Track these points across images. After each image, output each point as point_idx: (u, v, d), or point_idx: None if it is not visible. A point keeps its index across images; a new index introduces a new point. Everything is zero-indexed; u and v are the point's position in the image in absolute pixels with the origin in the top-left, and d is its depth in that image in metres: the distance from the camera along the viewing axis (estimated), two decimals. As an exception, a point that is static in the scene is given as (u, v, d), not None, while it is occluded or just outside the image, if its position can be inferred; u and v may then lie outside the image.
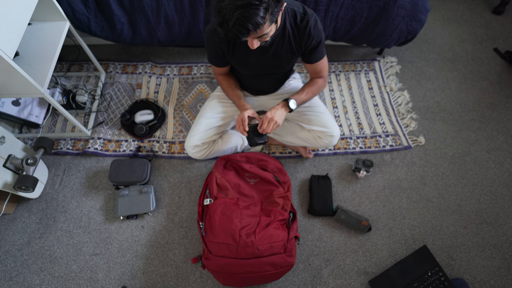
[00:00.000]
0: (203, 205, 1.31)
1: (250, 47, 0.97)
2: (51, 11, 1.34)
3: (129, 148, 1.59)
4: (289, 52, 1.16)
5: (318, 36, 1.13)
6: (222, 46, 1.14)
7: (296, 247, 1.27)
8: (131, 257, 1.33)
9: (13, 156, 1.26)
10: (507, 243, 1.37)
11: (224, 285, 1.23)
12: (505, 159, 1.59)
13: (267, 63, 1.20)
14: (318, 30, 1.12)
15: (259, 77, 1.31)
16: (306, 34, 1.10)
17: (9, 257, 1.32)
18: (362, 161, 1.51)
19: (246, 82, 1.38)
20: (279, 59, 1.18)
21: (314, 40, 1.13)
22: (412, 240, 1.38)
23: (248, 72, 1.28)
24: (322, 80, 1.29)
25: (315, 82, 1.29)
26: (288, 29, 1.10)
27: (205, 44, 1.21)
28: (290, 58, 1.19)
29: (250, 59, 1.17)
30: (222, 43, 1.13)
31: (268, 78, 1.34)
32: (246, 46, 1.10)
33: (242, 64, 1.22)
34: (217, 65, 1.28)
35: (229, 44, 1.14)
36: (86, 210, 1.43)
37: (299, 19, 1.09)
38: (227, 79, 1.35)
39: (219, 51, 1.17)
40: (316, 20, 1.11)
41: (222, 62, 1.25)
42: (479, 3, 2.23)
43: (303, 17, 1.09)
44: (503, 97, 1.79)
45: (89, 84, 1.78)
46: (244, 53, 1.15)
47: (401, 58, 1.94)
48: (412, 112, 1.73)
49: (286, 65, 1.25)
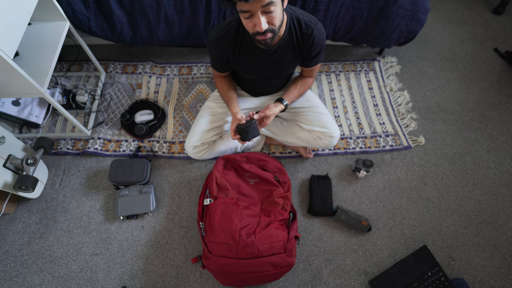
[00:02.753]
0: (203, 205, 1.31)
1: (259, 28, 0.93)
2: (51, 11, 1.34)
3: (129, 148, 1.59)
4: (293, 58, 1.17)
5: (321, 45, 1.16)
6: (227, 54, 1.15)
7: (296, 247, 1.27)
8: (131, 257, 1.33)
9: (13, 156, 1.26)
10: (507, 243, 1.37)
11: (224, 285, 1.23)
12: (505, 159, 1.59)
13: (271, 68, 1.20)
14: (322, 38, 1.14)
15: (262, 80, 1.32)
16: (310, 42, 1.12)
17: (9, 257, 1.32)
18: (362, 161, 1.51)
19: (248, 84, 1.38)
20: (282, 64, 1.19)
21: (317, 49, 1.16)
22: (412, 240, 1.38)
23: (252, 76, 1.28)
24: (312, 80, 1.36)
25: (306, 82, 1.34)
26: (294, 35, 1.11)
27: (209, 50, 1.21)
28: (293, 63, 1.21)
29: (255, 64, 1.18)
30: (227, 51, 1.14)
31: (271, 81, 1.34)
32: (251, 52, 1.11)
33: (246, 69, 1.22)
34: (219, 71, 1.29)
35: (234, 51, 1.14)
36: (86, 210, 1.43)
37: (304, 27, 1.10)
38: (224, 81, 1.35)
39: (224, 58, 1.18)
40: (321, 29, 1.13)
41: (225, 68, 1.27)
42: (479, 3, 2.23)
43: (308, 26, 1.10)
44: (503, 97, 1.79)
45: (89, 84, 1.78)
46: (249, 58, 1.16)
47: (401, 58, 1.94)
48: (412, 112, 1.73)
49: (289, 70, 1.27)
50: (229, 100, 1.30)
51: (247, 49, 1.13)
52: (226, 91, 1.32)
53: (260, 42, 1.01)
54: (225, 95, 1.33)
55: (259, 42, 1.01)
